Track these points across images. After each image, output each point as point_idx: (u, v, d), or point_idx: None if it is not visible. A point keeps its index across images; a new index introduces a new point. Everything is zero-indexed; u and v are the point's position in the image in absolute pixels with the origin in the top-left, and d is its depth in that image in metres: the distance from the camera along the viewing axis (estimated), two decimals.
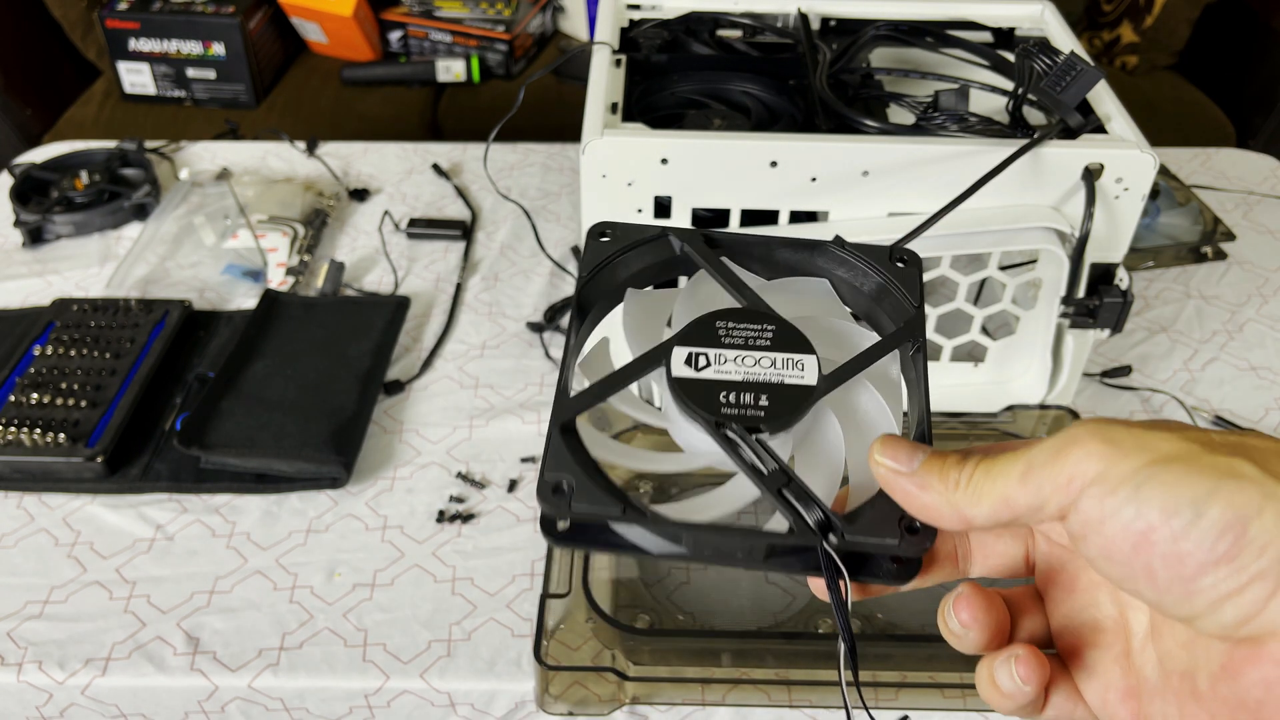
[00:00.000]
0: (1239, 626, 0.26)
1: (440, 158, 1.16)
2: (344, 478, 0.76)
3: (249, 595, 0.69)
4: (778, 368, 0.36)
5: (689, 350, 0.37)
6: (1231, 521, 0.26)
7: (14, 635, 0.67)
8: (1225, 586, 0.26)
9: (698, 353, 0.37)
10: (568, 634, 0.64)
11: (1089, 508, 0.28)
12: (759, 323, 0.37)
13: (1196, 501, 0.26)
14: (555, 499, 0.33)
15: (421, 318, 0.94)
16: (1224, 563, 0.26)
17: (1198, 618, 0.27)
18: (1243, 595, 0.26)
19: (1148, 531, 0.27)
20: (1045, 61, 0.73)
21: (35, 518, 0.75)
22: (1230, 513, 0.26)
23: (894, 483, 0.32)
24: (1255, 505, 0.26)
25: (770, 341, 0.36)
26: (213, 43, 1.73)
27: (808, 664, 0.64)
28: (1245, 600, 0.26)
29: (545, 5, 1.94)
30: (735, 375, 0.36)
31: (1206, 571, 0.26)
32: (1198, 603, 0.26)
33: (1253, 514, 0.26)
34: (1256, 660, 0.26)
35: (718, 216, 0.71)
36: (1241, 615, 0.26)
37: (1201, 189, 1.10)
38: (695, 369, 0.37)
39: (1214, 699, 0.28)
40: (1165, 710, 0.30)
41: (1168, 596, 0.27)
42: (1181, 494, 0.26)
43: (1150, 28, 1.84)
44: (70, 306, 0.89)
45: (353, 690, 0.65)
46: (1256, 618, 0.26)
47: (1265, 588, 0.25)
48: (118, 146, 1.11)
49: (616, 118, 0.70)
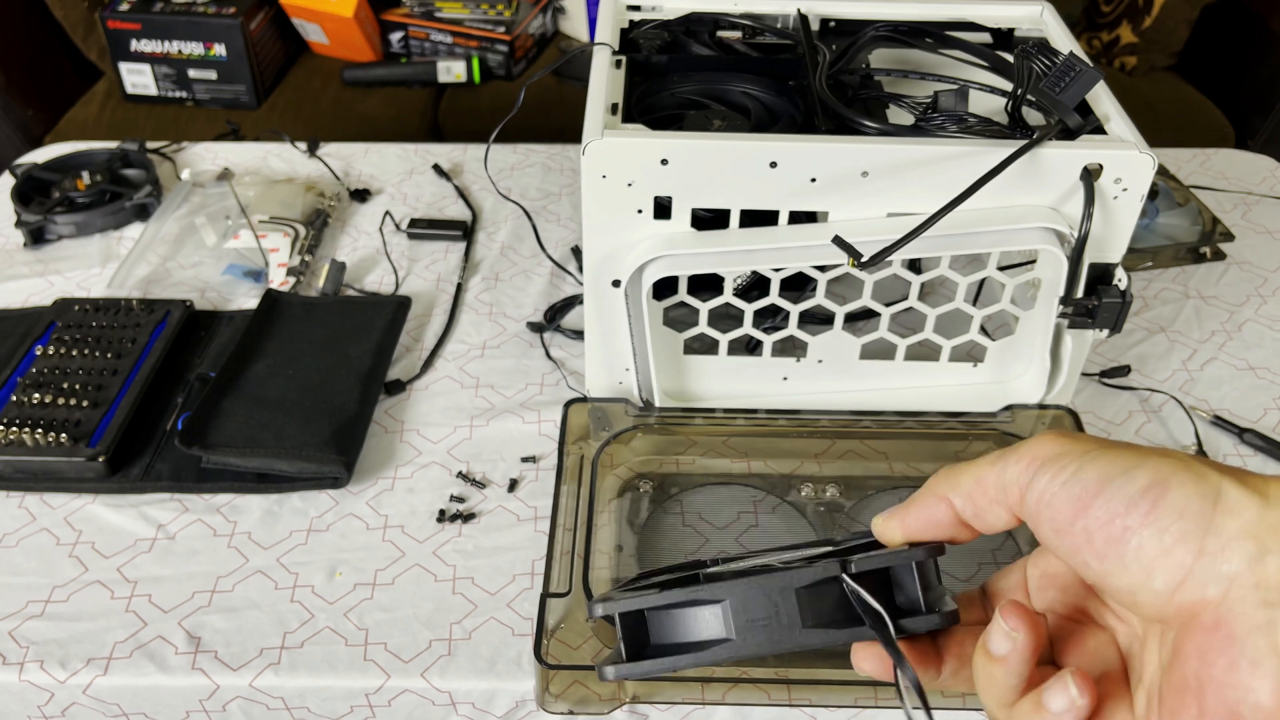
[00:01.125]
0: (1172, 594, 0.27)
1: (441, 158, 1.16)
2: (345, 477, 0.76)
3: (250, 595, 0.69)
4: None
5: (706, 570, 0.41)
6: (1152, 484, 0.28)
7: (15, 634, 0.67)
8: (1151, 548, 0.28)
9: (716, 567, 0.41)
10: (568, 633, 0.64)
11: (1042, 484, 0.31)
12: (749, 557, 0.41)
13: (1128, 469, 0.29)
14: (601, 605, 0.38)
15: (422, 318, 0.94)
16: (1147, 522, 0.28)
17: (1137, 590, 0.28)
18: (1169, 558, 0.27)
19: (1084, 497, 0.29)
20: (1044, 62, 0.73)
21: (37, 517, 0.75)
22: (1152, 476, 0.28)
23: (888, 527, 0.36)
24: (1176, 473, 0.28)
25: None
26: (214, 43, 1.74)
27: (807, 663, 0.64)
28: (1172, 563, 0.27)
29: (546, 6, 1.94)
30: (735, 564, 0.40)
31: (1133, 532, 0.28)
32: (1132, 569, 0.28)
33: (1173, 480, 0.28)
34: (1191, 633, 0.27)
35: (718, 217, 0.72)
36: (1171, 580, 0.27)
37: (1200, 189, 1.10)
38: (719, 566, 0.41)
39: (1170, 691, 0.28)
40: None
41: (1107, 564, 0.29)
42: (1116, 464, 0.29)
43: (1149, 28, 1.84)
44: (72, 307, 0.90)
45: (354, 689, 0.65)
46: (1185, 583, 0.27)
47: (1188, 550, 0.27)
48: (119, 147, 1.11)
49: (617, 118, 0.71)
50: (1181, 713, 0.28)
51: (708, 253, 0.71)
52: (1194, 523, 0.27)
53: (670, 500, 0.76)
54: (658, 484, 0.77)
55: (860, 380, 0.82)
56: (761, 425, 0.79)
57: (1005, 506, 0.32)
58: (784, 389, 0.82)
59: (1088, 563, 0.30)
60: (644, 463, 0.78)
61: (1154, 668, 0.30)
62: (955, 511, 0.34)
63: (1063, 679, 0.30)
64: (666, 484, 0.77)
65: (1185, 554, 0.27)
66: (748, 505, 0.75)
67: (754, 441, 0.79)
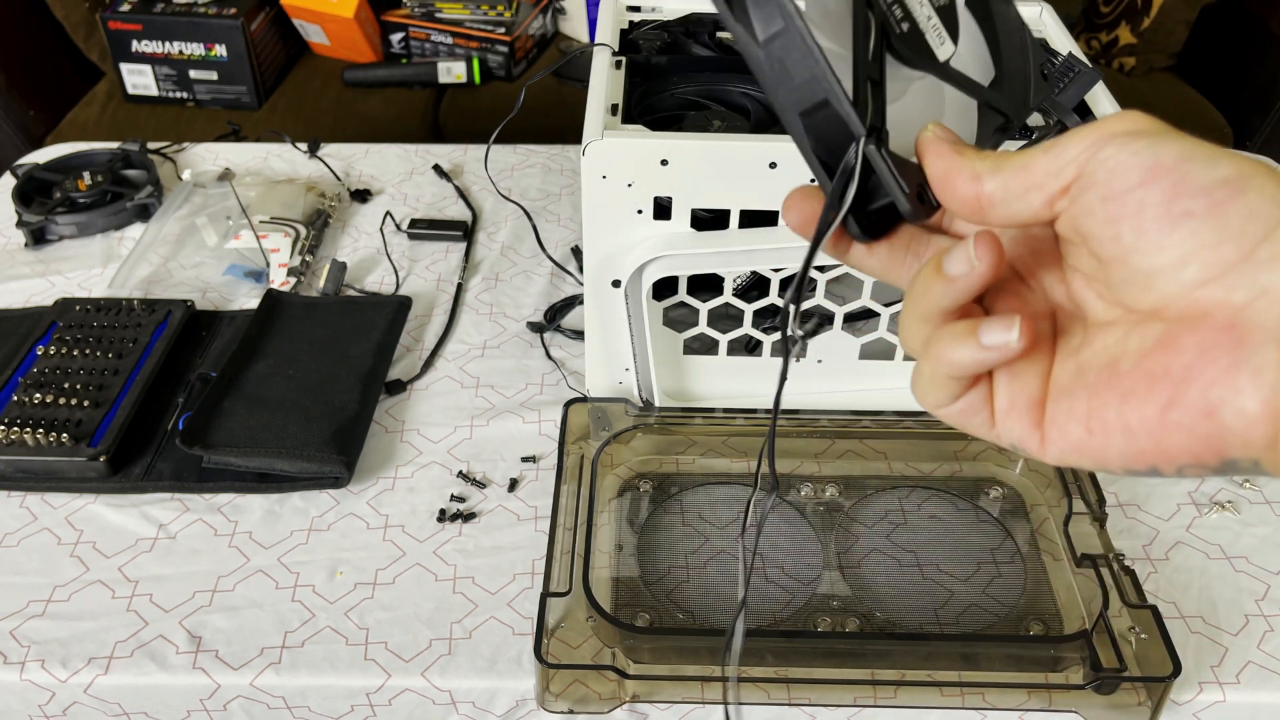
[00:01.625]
0: (1195, 287, 0.27)
1: (441, 159, 1.17)
2: (346, 477, 0.77)
3: (251, 594, 0.70)
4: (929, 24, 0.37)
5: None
6: (1233, 177, 0.26)
7: (17, 634, 0.67)
8: (1202, 237, 0.26)
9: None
10: (568, 632, 0.64)
11: (1109, 153, 0.28)
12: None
13: (1211, 156, 0.27)
14: None
15: (423, 318, 0.94)
16: (1213, 213, 0.26)
17: (1158, 274, 0.27)
18: (1214, 251, 0.26)
19: (1156, 170, 0.27)
20: (1043, 63, 0.74)
21: (38, 517, 0.75)
22: (1235, 170, 0.27)
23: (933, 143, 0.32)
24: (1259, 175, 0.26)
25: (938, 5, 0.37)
26: (215, 44, 1.74)
27: (807, 662, 0.65)
28: (1213, 258, 0.26)
29: (546, 7, 1.94)
30: None
31: (1193, 217, 0.27)
32: (1168, 253, 0.27)
33: (1254, 181, 0.26)
34: (1195, 329, 0.27)
35: (718, 217, 0.72)
36: (1203, 274, 0.26)
37: None
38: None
39: (1135, 375, 0.28)
40: (1072, 406, 0.30)
41: (1144, 240, 0.27)
42: (1198, 149, 0.27)
43: (1148, 29, 1.84)
44: (73, 307, 0.90)
45: (354, 688, 0.65)
46: (1214, 280, 0.26)
47: (1236, 250, 0.26)
48: (120, 147, 1.12)
49: (617, 119, 0.71)
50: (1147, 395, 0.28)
51: (708, 253, 0.71)
52: (1259, 226, 0.26)
53: (670, 500, 0.76)
54: (658, 484, 0.77)
55: (860, 380, 0.82)
56: (761, 425, 0.79)
57: (1047, 193, 0.30)
58: (784, 389, 0.82)
59: (1120, 235, 0.28)
60: (644, 462, 0.78)
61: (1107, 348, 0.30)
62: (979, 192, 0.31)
63: (1009, 319, 0.29)
64: (666, 484, 0.77)
65: (1232, 253, 0.26)
66: None
67: (754, 441, 0.79)
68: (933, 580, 0.70)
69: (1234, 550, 0.73)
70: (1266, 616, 0.69)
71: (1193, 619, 0.68)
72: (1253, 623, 0.68)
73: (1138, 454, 0.28)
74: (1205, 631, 0.68)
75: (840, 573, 0.71)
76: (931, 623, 0.67)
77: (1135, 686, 0.63)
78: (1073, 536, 0.70)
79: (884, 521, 0.74)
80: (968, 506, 0.76)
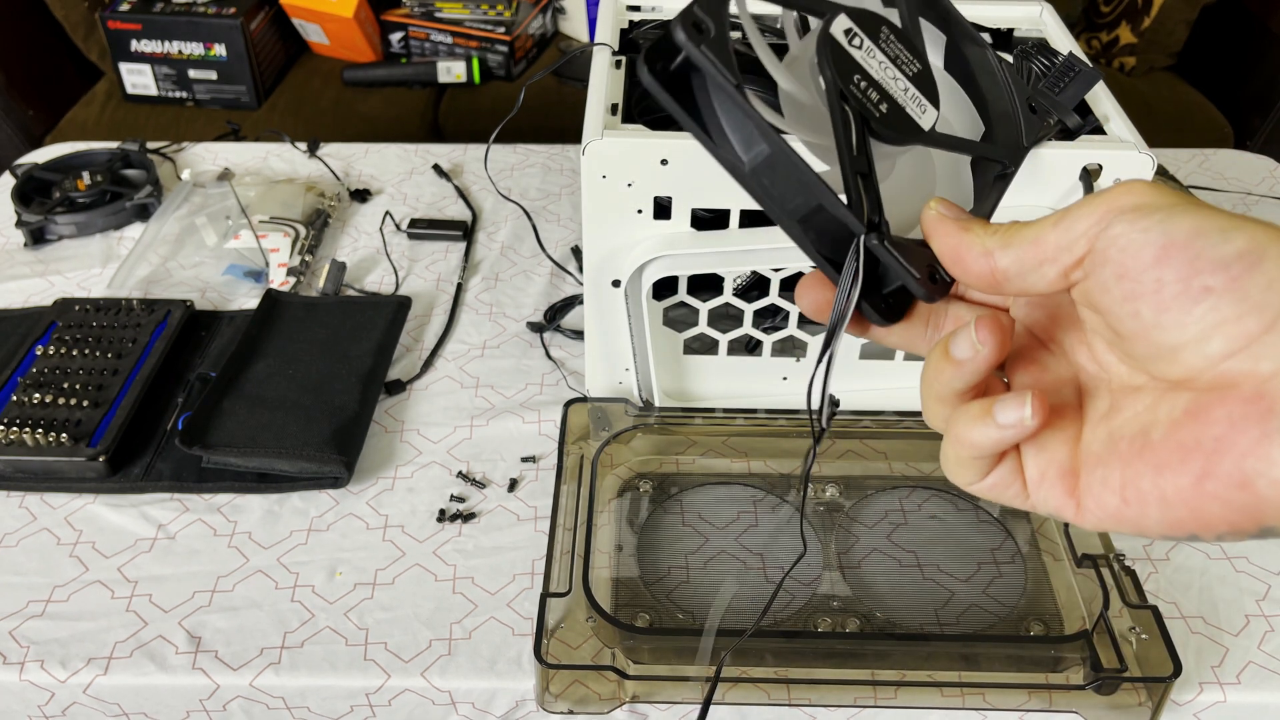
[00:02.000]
0: (1221, 360, 0.27)
1: (441, 158, 1.16)
2: (345, 477, 0.77)
3: (250, 594, 0.70)
4: (907, 96, 0.37)
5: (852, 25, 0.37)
6: (1249, 250, 0.26)
7: (16, 634, 0.67)
8: (1224, 312, 0.26)
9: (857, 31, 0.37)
10: (568, 633, 0.64)
11: (1120, 230, 0.28)
12: (912, 53, 0.39)
13: (1224, 229, 0.27)
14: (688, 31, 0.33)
15: (422, 318, 0.94)
16: (1232, 287, 0.26)
17: (1183, 349, 0.27)
18: (1237, 325, 0.26)
19: (1169, 247, 0.27)
20: (1043, 63, 0.74)
21: (38, 517, 0.75)
22: (1249, 242, 0.27)
23: (939, 222, 0.33)
24: (1275, 243, 0.26)
25: (912, 75, 0.38)
26: (214, 44, 1.74)
27: (807, 663, 0.65)
28: (1237, 331, 0.26)
29: (546, 7, 1.94)
30: (873, 72, 0.37)
31: (1213, 293, 0.27)
32: (1191, 329, 0.27)
33: (1270, 250, 0.26)
34: (1224, 400, 0.27)
35: (718, 217, 0.72)
36: (1228, 348, 0.27)
37: (1199, 189, 1.10)
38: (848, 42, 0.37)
39: (1168, 446, 0.28)
40: (1106, 476, 0.30)
41: (1165, 317, 0.27)
42: (1211, 222, 0.27)
43: (1148, 29, 1.84)
44: (72, 307, 0.90)
45: (354, 689, 0.65)
46: (1241, 352, 0.26)
47: (1259, 322, 0.26)
48: (120, 147, 1.11)
49: (616, 119, 0.71)
50: (1180, 468, 0.28)
51: (708, 253, 0.71)
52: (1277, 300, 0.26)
53: (670, 500, 0.76)
54: (658, 484, 0.77)
55: (859, 380, 0.82)
56: (761, 425, 0.79)
57: (1061, 266, 0.30)
58: (784, 389, 0.82)
59: (1139, 312, 0.28)
60: (644, 463, 0.78)
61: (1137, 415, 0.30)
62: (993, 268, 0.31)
63: (1021, 396, 0.30)
64: (666, 484, 0.77)
65: (1255, 324, 0.26)
66: (748, 505, 0.76)
67: (754, 441, 0.79)
68: (933, 580, 0.70)
69: (1234, 550, 0.73)
70: (1267, 616, 0.69)
71: (1193, 619, 0.68)
72: (1253, 623, 0.68)
73: (1176, 523, 0.28)
74: (1206, 632, 0.68)
75: (840, 573, 0.71)
76: (932, 623, 0.67)
77: (1136, 687, 0.62)
78: (1073, 536, 0.70)
79: (884, 522, 0.74)
80: (968, 506, 0.75)
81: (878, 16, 0.38)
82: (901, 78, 0.37)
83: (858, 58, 0.37)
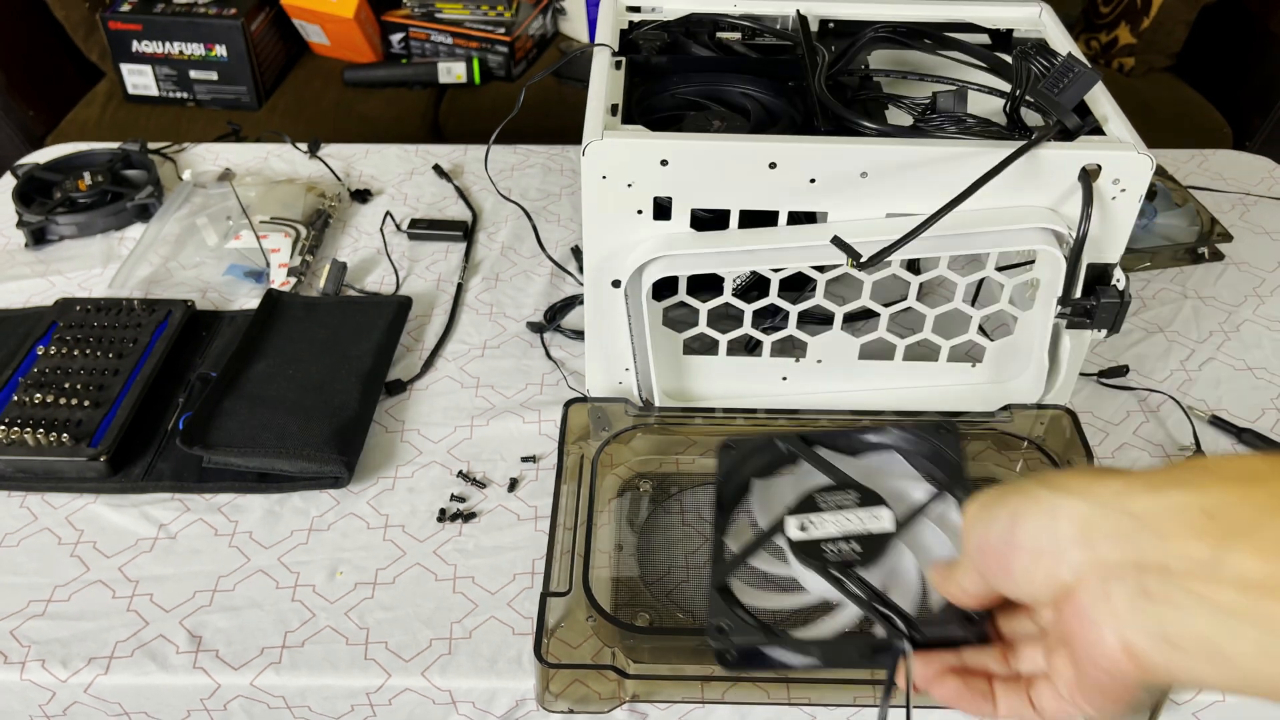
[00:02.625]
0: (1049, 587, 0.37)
1: (441, 159, 1.17)
2: (346, 477, 0.77)
3: (251, 594, 0.70)
4: (864, 521, 0.51)
5: (799, 519, 0.52)
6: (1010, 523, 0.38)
7: (17, 634, 0.67)
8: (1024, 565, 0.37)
9: (805, 519, 0.51)
10: (568, 632, 0.64)
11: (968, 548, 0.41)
12: (846, 490, 0.52)
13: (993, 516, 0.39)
14: (720, 637, 0.50)
15: (423, 318, 0.94)
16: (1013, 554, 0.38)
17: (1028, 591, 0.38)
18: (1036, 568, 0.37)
19: (981, 547, 0.40)
20: (1043, 63, 0.74)
21: (39, 517, 0.75)
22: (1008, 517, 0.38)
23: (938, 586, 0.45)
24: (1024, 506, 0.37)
25: (856, 502, 0.52)
26: (215, 44, 1.74)
27: None
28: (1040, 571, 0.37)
29: (546, 7, 1.94)
30: (834, 531, 0.50)
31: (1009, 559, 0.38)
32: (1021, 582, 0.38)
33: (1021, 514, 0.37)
34: (1063, 606, 0.37)
35: (717, 217, 0.72)
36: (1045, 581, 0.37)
37: (1198, 190, 1.10)
38: (804, 531, 0.51)
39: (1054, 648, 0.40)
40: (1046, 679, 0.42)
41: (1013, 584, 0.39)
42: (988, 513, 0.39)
43: (1147, 29, 1.84)
44: (73, 307, 0.90)
45: (354, 688, 0.65)
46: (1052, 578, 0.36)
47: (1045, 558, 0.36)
48: (120, 148, 1.12)
49: (617, 119, 0.71)
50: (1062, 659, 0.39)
51: (707, 253, 0.72)
52: (1044, 541, 0.36)
53: (670, 500, 0.76)
54: (658, 484, 0.77)
55: (859, 380, 0.82)
56: (761, 425, 0.79)
57: None
58: (783, 389, 0.82)
59: (1003, 584, 0.40)
60: (644, 462, 0.78)
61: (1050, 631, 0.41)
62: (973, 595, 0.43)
63: None
64: (666, 484, 0.77)
65: (1047, 561, 0.36)
66: None
67: None
68: None
69: None
70: None
71: None
72: None
73: None
74: None
75: None
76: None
77: None
78: None
79: None
80: None
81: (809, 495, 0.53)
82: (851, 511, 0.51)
83: (817, 534, 0.51)
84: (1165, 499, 0.33)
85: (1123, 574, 0.33)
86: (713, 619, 0.50)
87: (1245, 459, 0.34)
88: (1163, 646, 0.33)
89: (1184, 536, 0.32)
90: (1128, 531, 0.33)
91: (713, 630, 0.50)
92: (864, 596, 0.48)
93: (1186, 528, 0.32)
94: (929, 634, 0.44)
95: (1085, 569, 0.34)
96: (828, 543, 0.50)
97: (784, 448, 0.58)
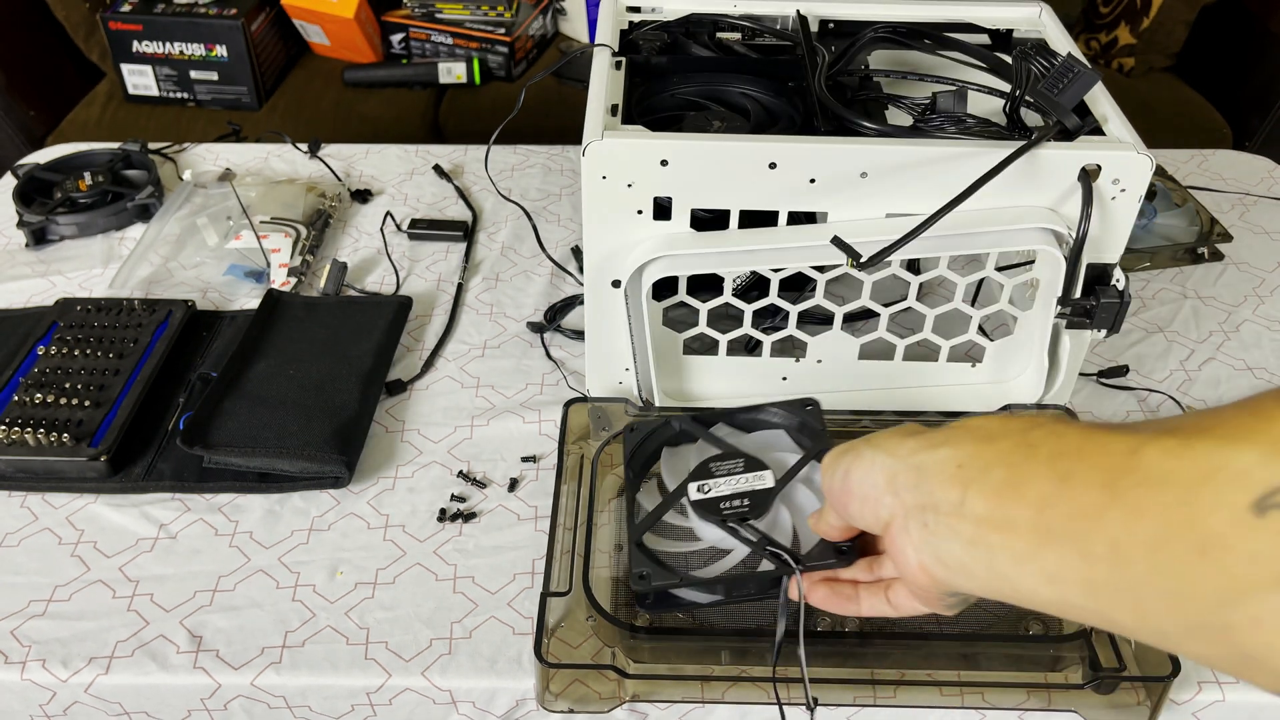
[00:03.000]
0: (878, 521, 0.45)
1: (441, 159, 1.17)
2: (346, 477, 0.77)
3: (251, 594, 0.70)
4: (750, 482, 0.61)
5: (698, 483, 0.61)
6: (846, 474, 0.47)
7: (17, 633, 0.67)
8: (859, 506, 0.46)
9: (702, 484, 0.61)
10: (568, 632, 0.64)
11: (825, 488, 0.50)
12: (735, 458, 0.62)
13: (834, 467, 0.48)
14: (641, 581, 0.58)
15: (423, 318, 0.94)
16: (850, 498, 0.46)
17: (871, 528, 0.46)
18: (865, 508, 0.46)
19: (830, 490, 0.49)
20: (1042, 63, 0.74)
21: (39, 517, 0.75)
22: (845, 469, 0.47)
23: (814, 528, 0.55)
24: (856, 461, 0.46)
25: (743, 467, 0.61)
26: (215, 45, 1.74)
27: (806, 662, 0.64)
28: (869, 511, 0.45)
29: (546, 7, 1.94)
30: (726, 490, 0.60)
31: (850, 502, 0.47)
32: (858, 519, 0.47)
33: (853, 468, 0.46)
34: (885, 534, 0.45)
35: (717, 217, 0.72)
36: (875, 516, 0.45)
37: (1198, 190, 1.10)
38: (703, 493, 0.61)
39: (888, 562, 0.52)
40: None
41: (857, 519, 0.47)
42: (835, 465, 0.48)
43: (1147, 30, 1.84)
44: (74, 307, 0.90)
45: (355, 688, 0.65)
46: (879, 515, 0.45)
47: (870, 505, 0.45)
48: (121, 148, 1.12)
49: (617, 119, 0.71)
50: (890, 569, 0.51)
51: (707, 253, 0.72)
52: (867, 488, 0.45)
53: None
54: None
55: (859, 380, 0.82)
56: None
57: None
58: (783, 389, 0.82)
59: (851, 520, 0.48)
60: None
61: None
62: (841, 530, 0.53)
63: None
64: None
65: (871, 504, 0.45)
66: None
67: None
68: None
69: None
70: None
71: None
72: None
73: None
74: None
75: None
76: (931, 622, 0.67)
77: (1134, 686, 0.63)
78: None
79: None
80: None
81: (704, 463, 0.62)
82: (740, 475, 0.61)
83: (713, 494, 0.60)
84: (937, 454, 0.42)
85: (914, 513, 0.42)
86: (634, 568, 0.58)
87: (988, 420, 0.41)
88: (939, 566, 0.41)
89: (945, 484, 0.41)
90: (915, 481, 0.42)
91: (634, 577, 0.58)
92: (754, 540, 0.57)
93: (947, 477, 0.41)
94: (809, 563, 0.55)
95: (894, 509, 0.44)
96: (724, 500, 0.59)
97: (677, 426, 0.68)
